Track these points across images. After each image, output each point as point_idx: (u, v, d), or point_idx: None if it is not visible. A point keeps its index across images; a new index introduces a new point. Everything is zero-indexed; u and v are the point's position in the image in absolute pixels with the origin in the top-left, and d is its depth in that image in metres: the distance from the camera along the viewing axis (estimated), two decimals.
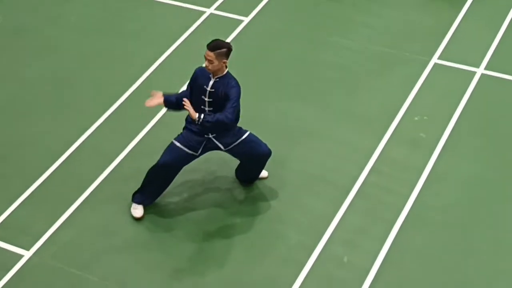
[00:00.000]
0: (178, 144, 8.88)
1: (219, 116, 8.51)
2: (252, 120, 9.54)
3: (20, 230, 9.04)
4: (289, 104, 10.53)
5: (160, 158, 8.93)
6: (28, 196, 9.39)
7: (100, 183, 9.52)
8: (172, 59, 11.28)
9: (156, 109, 10.43)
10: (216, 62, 8.54)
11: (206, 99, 8.73)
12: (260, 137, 9.14)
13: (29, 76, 11.06)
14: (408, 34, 11.65)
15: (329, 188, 9.46)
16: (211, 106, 8.74)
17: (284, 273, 8.58)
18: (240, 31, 11.70)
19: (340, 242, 8.89)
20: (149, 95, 8.67)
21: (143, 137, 10.11)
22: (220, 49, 8.51)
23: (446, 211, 9.21)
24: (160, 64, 11.18)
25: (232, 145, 8.92)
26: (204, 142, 8.87)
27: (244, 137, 8.92)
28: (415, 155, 9.83)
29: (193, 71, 8.87)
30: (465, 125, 10.22)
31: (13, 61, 11.33)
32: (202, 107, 8.76)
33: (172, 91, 10.69)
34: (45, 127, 10.28)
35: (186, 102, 8.50)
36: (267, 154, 9.13)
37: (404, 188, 9.43)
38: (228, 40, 11.48)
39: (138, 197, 9.17)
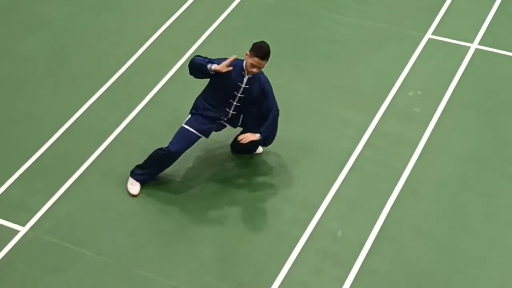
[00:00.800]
0: (191, 129, 8.91)
1: (273, 118, 8.91)
2: None
3: (15, 205, 9.06)
4: (283, 80, 10.53)
5: (172, 145, 8.92)
6: (23, 172, 9.39)
7: (95, 159, 9.53)
8: (167, 35, 11.27)
9: (149, 87, 10.45)
10: (263, 67, 8.68)
11: (239, 94, 8.80)
12: None
13: (24, 52, 11.05)
14: (402, 10, 11.64)
15: (324, 163, 9.49)
16: (240, 102, 8.85)
17: (278, 247, 8.62)
18: (235, 7, 11.67)
19: (334, 216, 8.93)
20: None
21: (137, 113, 10.10)
22: (269, 55, 8.63)
23: (440, 185, 9.25)
24: (154, 41, 11.16)
25: (240, 121, 9.07)
26: (215, 127, 8.98)
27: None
28: (409, 130, 9.86)
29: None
30: (458, 100, 10.25)
31: (7, 36, 11.30)
32: (230, 100, 8.83)
33: (166, 67, 10.74)
34: (40, 103, 10.28)
35: (246, 137, 8.80)
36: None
37: (399, 162, 9.46)
38: (223, 16, 11.47)
39: (139, 175, 9.16)
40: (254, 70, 8.63)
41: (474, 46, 10.98)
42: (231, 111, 8.91)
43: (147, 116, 10.07)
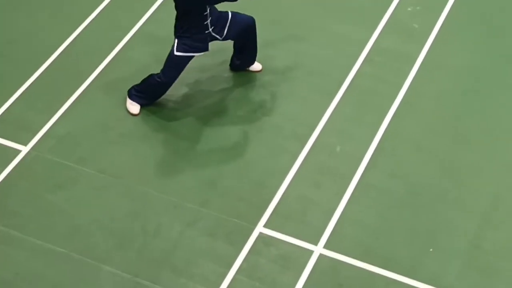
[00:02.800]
0: (183, 54, 8.83)
1: None
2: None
3: (17, 125, 9.12)
4: None
5: (165, 75, 8.89)
6: (24, 91, 9.43)
7: (96, 77, 9.55)
8: None
9: (149, 4, 10.41)
10: None
11: None
12: None
13: None
14: None
15: (323, 80, 9.52)
16: None
17: (278, 163, 8.71)
18: None
19: (333, 132, 8.99)
20: None
21: (137, 30, 10.10)
22: None
23: (438, 100, 9.29)
24: None
25: (225, 31, 8.92)
26: (208, 39, 8.89)
27: (229, 18, 8.92)
28: (408, 45, 9.85)
29: None
30: (458, 15, 10.21)
31: None
32: (205, 13, 8.75)
33: None
34: (38, 21, 10.24)
35: None
36: (251, 19, 9.13)
37: (397, 77, 9.49)
38: None
39: (136, 97, 9.17)
40: None
41: None
42: (209, 19, 8.73)
43: (147, 33, 10.06)
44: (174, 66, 8.91)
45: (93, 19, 10.23)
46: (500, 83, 9.47)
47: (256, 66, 9.57)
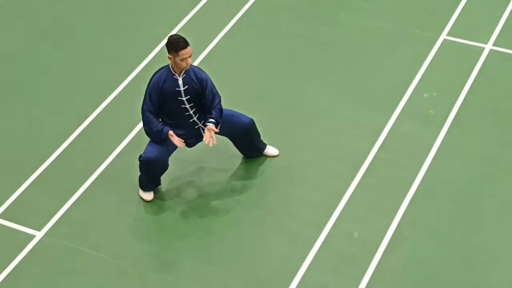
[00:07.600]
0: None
1: (217, 109, 8.63)
2: (261, 99, 9.56)
3: (30, 210, 9.07)
4: (298, 82, 10.53)
5: (146, 153, 8.78)
6: (38, 176, 9.40)
7: (111, 162, 9.53)
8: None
9: None
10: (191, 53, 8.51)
11: (184, 98, 8.64)
12: (270, 116, 9.17)
13: (35, 57, 11.01)
14: (416, 10, 11.60)
15: (339, 165, 9.48)
16: (191, 103, 8.68)
17: (295, 249, 8.62)
18: (248, 8, 11.64)
19: (350, 218, 8.92)
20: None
21: None
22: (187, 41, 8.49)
23: (455, 186, 9.22)
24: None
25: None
26: (196, 134, 8.87)
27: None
28: (424, 131, 9.84)
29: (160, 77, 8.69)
30: (473, 101, 10.21)
31: (19, 43, 11.28)
32: (183, 106, 8.68)
33: None
34: (54, 105, 10.29)
35: (209, 139, 8.53)
36: (249, 123, 9.07)
37: (414, 163, 9.44)
38: (236, 17, 11.45)
39: (142, 185, 9.13)
40: (189, 60, 8.44)
41: (488, 47, 10.95)
42: (195, 118, 8.78)
43: None
44: (154, 145, 8.77)
45: (108, 104, 10.26)
46: None
47: (272, 152, 9.54)
